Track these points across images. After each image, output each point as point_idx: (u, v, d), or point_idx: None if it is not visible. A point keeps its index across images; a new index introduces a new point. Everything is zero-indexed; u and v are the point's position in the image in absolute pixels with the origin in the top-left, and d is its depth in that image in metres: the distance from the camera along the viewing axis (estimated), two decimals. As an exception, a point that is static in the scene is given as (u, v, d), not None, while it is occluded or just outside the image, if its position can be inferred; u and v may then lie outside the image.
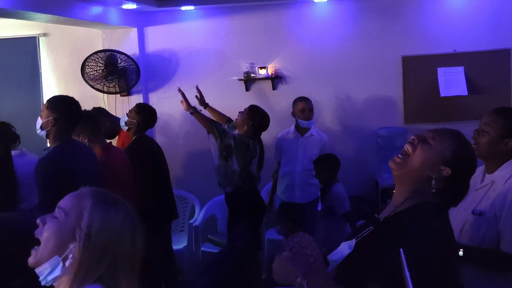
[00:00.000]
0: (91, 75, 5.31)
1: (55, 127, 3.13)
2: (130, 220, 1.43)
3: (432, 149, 1.77)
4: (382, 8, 5.48)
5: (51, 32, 5.79)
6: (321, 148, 4.94)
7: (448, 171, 1.74)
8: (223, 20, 5.67)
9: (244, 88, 5.69)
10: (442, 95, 5.31)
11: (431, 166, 1.75)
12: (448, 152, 1.76)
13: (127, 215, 1.42)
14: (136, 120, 4.40)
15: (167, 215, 4.60)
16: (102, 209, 1.39)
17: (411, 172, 1.78)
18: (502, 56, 5.37)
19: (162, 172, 4.58)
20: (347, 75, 5.59)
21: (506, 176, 2.40)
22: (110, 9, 5.09)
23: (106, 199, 1.42)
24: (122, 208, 1.42)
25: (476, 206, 2.44)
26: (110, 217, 1.38)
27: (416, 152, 1.78)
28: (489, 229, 2.36)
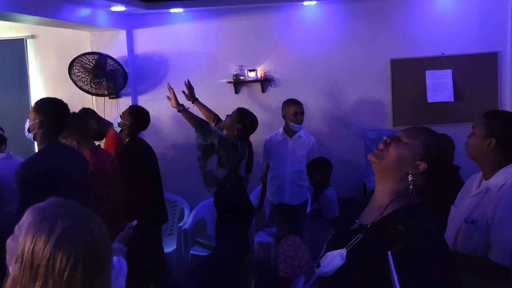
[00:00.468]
0: (78, 76, 5.27)
1: (41, 130, 3.10)
2: (71, 240, 1.29)
3: (406, 146, 1.81)
4: (371, 11, 5.51)
5: (39, 34, 5.75)
6: (310, 150, 4.95)
7: (424, 165, 1.77)
8: (212, 23, 5.67)
9: (233, 90, 5.69)
10: (429, 101, 5.36)
11: (408, 163, 1.79)
12: (422, 147, 1.79)
13: (66, 234, 1.29)
14: (129, 122, 4.41)
15: (158, 218, 4.58)
16: (37, 229, 1.29)
17: (389, 169, 1.81)
18: (489, 59, 5.41)
19: (154, 174, 4.58)
20: (336, 78, 5.60)
21: (499, 184, 2.36)
22: (98, 11, 5.06)
23: (46, 216, 1.31)
24: (60, 227, 1.30)
25: (470, 214, 2.41)
26: (41, 237, 1.28)
27: (390, 150, 1.82)
28: (482, 237, 2.34)
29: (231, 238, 3.64)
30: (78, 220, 1.34)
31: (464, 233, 2.41)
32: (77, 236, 1.30)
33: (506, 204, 2.27)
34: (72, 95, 5.41)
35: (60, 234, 1.29)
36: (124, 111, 4.53)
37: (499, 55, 5.40)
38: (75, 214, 1.35)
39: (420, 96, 5.44)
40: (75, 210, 1.36)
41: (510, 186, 2.32)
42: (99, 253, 1.33)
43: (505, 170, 2.39)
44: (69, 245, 1.28)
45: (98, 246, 1.33)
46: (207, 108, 4.89)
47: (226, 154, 4.29)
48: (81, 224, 1.33)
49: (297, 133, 4.91)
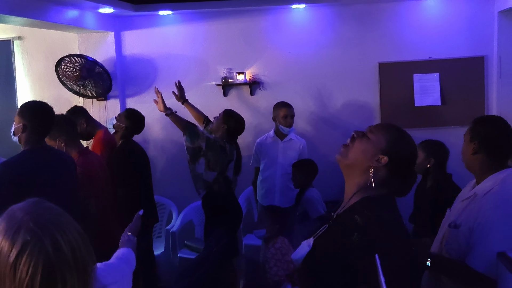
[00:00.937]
0: (66, 73, 5.21)
1: (25, 134, 3.10)
2: (29, 253, 1.26)
3: (369, 141, 1.90)
4: (359, 15, 5.53)
5: (26, 36, 5.71)
6: (300, 152, 4.97)
7: (385, 159, 1.85)
8: (201, 25, 5.66)
9: (222, 93, 5.68)
10: (416, 105, 5.39)
11: (370, 157, 1.87)
12: (384, 142, 1.87)
13: (25, 246, 1.27)
14: (125, 125, 4.44)
15: (149, 219, 4.58)
16: (3, 236, 1.28)
17: (353, 164, 1.91)
18: (476, 63, 5.45)
19: (146, 176, 4.61)
20: (324, 81, 5.62)
21: (486, 190, 2.38)
22: (86, 13, 5.04)
23: (13, 223, 1.30)
24: (22, 238, 1.27)
25: (456, 218, 2.43)
26: (4, 246, 1.27)
27: (355, 145, 1.93)
28: (464, 242, 2.35)
29: (219, 240, 3.63)
30: (43, 231, 1.30)
31: (447, 238, 2.44)
32: (37, 249, 1.27)
33: (488, 210, 2.29)
34: (59, 97, 5.38)
35: (22, 244, 1.26)
36: (121, 113, 4.58)
37: (486, 59, 5.44)
38: (40, 224, 1.31)
39: (408, 100, 5.47)
40: (41, 220, 1.32)
41: (495, 193, 2.33)
42: (63, 267, 1.29)
43: (495, 176, 2.40)
44: (28, 257, 1.26)
45: (62, 260, 1.29)
46: (197, 110, 4.89)
47: (214, 156, 4.29)
48: (45, 236, 1.29)
49: (288, 135, 4.92)
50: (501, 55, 5.36)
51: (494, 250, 2.23)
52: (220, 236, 3.73)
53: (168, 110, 4.43)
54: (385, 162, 1.84)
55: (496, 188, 2.34)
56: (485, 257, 2.26)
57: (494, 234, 2.26)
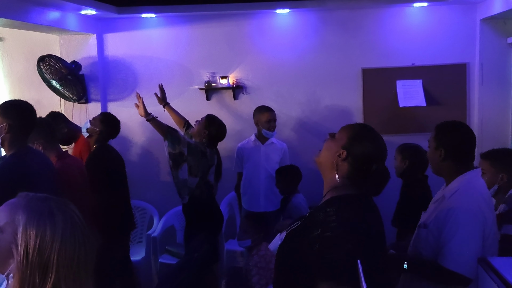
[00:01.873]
0: (49, 68, 5.11)
1: (9, 134, 3.02)
2: (71, 229, 1.34)
3: (334, 140, 2.05)
4: (343, 21, 5.54)
5: (6, 37, 5.63)
6: (282, 156, 4.97)
7: (344, 153, 1.97)
8: (185, 29, 5.63)
9: (205, 97, 5.65)
10: (401, 106, 5.40)
11: (332, 153, 2.01)
12: (345, 138, 2.00)
13: (66, 224, 1.33)
14: (99, 129, 4.33)
15: (126, 225, 4.51)
16: (37, 224, 1.30)
17: (321, 162, 2.07)
18: (458, 70, 5.49)
19: (122, 182, 4.51)
20: (308, 86, 5.61)
21: (452, 191, 2.51)
22: (68, 15, 4.98)
23: (41, 211, 1.32)
24: (60, 218, 1.33)
25: (426, 219, 2.55)
26: (46, 232, 1.29)
27: (324, 145, 2.09)
28: (432, 241, 2.47)
29: (200, 246, 3.59)
30: (69, 210, 1.38)
31: (416, 237, 2.58)
32: (75, 224, 1.36)
33: (454, 211, 2.42)
34: (40, 99, 5.31)
35: (63, 225, 1.32)
36: (96, 117, 4.46)
37: (468, 66, 5.49)
38: (62, 204, 1.38)
39: (391, 105, 5.49)
40: (60, 202, 1.40)
41: (461, 193, 2.48)
42: (91, 237, 1.39)
43: (461, 177, 2.54)
44: (72, 233, 1.33)
45: (86, 228, 1.39)
46: (178, 113, 4.86)
47: (195, 162, 4.25)
48: (72, 213, 1.38)
49: (269, 139, 4.91)
50: (483, 62, 5.42)
51: (462, 247, 2.37)
52: (201, 242, 3.69)
53: (149, 115, 4.39)
54: (344, 156, 1.96)
55: (462, 189, 2.49)
56: (454, 255, 2.37)
57: (461, 231, 2.38)
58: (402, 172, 3.88)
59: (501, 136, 5.41)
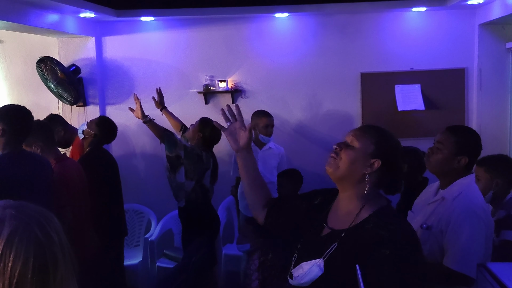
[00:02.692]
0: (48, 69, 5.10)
1: (3, 138, 3.03)
2: (19, 241, 1.24)
3: (355, 150, 1.85)
4: (342, 25, 5.55)
5: (5, 39, 5.62)
6: (280, 161, 4.96)
7: (378, 162, 1.82)
8: (183, 32, 5.63)
9: (203, 101, 5.64)
10: (399, 109, 5.40)
11: (362, 165, 1.83)
12: (371, 147, 1.84)
13: (13, 234, 1.25)
14: (95, 132, 4.31)
15: (117, 231, 4.47)
16: None
17: (346, 175, 1.85)
18: (457, 75, 5.50)
19: (114, 186, 4.47)
20: (306, 90, 5.61)
21: (455, 194, 2.50)
22: (67, 17, 4.97)
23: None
24: (9, 227, 1.25)
25: (426, 220, 2.55)
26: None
27: (342, 157, 1.86)
28: (435, 243, 2.48)
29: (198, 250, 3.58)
30: (28, 218, 1.29)
31: (420, 238, 2.48)
32: (27, 233, 1.25)
33: (460, 214, 2.42)
34: (38, 102, 5.30)
35: (9, 233, 1.23)
36: (92, 120, 4.44)
37: (466, 71, 5.50)
38: (24, 213, 1.29)
39: (390, 110, 5.49)
40: (24, 209, 1.31)
41: (464, 197, 2.48)
42: (53, 249, 1.27)
43: (461, 181, 2.54)
44: (19, 243, 1.23)
45: (51, 243, 1.28)
46: (175, 117, 4.86)
47: (191, 165, 4.24)
48: (31, 222, 1.28)
49: (267, 144, 4.90)
50: (481, 67, 5.42)
51: (469, 249, 2.39)
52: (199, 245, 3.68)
53: (145, 117, 4.38)
54: (379, 165, 1.82)
55: (465, 192, 2.49)
56: (461, 257, 2.39)
57: (467, 234, 2.39)
58: None
59: (500, 142, 5.41)
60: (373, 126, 1.95)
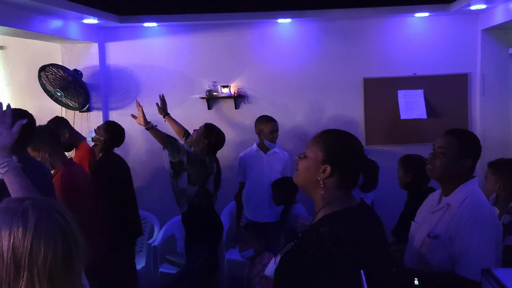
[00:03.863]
0: (49, 78, 5.13)
1: None
2: (46, 226, 1.31)
3: (307, 159, 1.95)
4: (345, 30, 5.55)
5: (8, 45, 5.64)
6: (284, 165, 4.97)
7: (328, 168, 1.89)
8: (186, 38, 5.64)
9: (206, 106, 5.65)
10: (402, 118, 5.40)
11: (314, 172, 1.91)
12: (320, 153, 1.92)
13: (40, 222, 1.31)
14: (104, 138, 4.36)
15: (132, 232, 4.51)
16: (10, 224, 1.29)
17: (304, 184, 1.98)
18: (460, 80, 5.49)
19: (128, 189, 4.53)
20: (309, 95, 5.61)
21: (460, 199, 2.47)
22: (70, 23, 4.99)
23: (15, 211, 1.32)
24: (34, 216, 1.31)
25: (433, 229, 2.50)
26: (18, 231, 1.28)
27: (298, 167, 1.99)
28: (444, 252, 2.43)
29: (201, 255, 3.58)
30: (47, 206, 1.35)
31: (428, 248, 2.50)
32: (51, 220, 1.32)
33: (468, 219, 2.38)
34: (41, 108, 5.30)
35: (35, 222, 1.29)
36: (100, 126, 4.50)
37: (469, 76, 5.49)
38: (41, 202, 1.36)
39: (392, 115, 5.49)
40: (41, 200, 1.38)
41: (471, 202, 2.44)
42: (74, 234, 1.35)
43: (464, 186, 2.50)
44: (47, 230, 1.30)
45: (71, 228, 1.35)
46: (178, 123, 4.88)
47: (194, 170, 4.25)
48: (51, 209, 1.35)
49: (272, 148, 4.91)
50: (484, 72, 5.42)
51: (480, 256, 2.34)
52: (202, 251, 3.67)
53: (148, 123, 4.40)
54: (329, 170, 1.88)
55: (470, 198, 2.46)
56: (474, 264, 2.32)
57: (478, 239, 2.35)
58: (406, 184, 3.84)
59: (503, 147, 5.39)
60: (326, 132, 2.02)
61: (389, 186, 4.09)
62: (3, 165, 2.02)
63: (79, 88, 5.23)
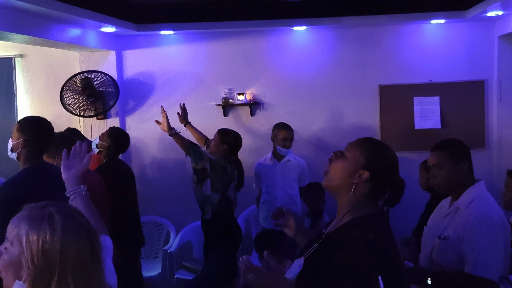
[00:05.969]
0: (69, 99, 5.24)
1: (25, 149, 3.03)
2: (73, 226, 1.40)
3: (346, 160, 1.93)
4: (360, 37, 5.56)
5: (28, 53, 5.72)
6: (300, 173, 4.97)
7: (367, 174, 1.88)
8: (202, 46, 5.68)
9: (222, 113, 5.68)
10: (416, 127, 5.41)
11: (351, 174, 1.90)
12: (362, 157, 1.90)
13: (67, 223, 1.40)
14: (108, 144, 4.36)
15: (135, 241, 4.50)
16: (38, 229, 1.37)
17: (336, 185, 1.94)
18: (476, 87, 5.47)
19: (130, 197, 4.49)
20: (325, 102, 5.62)
21: (467, 202, 2.57)
22: (88, 32, 5.06)
23: (41, 216, 1.40)
24: (60, 219, 1.39)
25: (443, 232, 2.60)
26: (46, 235, 1.37)
27: (332, 167, 1.96)
28: (454, 253, 2.52)
29: (218, 261, 3.59)
30: (69, 210, 1.44)
31: (438, 249, 2.61)
32: (76, 221, 1.41)
33: (474, 220, 2.48)
34: (59, 115, 5.37)
35: (62, 224, 1.38)
36: (104, 133, 4.50)
37: (486, 83, 5.46)
38: (63, 207, 1.45)
39: (408, 122, 5.47)
40: (62, 205, 1.46)
41: (477, 203, 2.55)
42: (96, 233, 1.45)
43: (471, 189, 2.61)
44: (74, 231, 1.39)
45: (93, 231, 1.45)
46: (199, 132, 4.90)
47: (217, 177, 4.27)
48: (73, 211, 1.44)
49: (285, 156, 4.91)
50: (501, 79, 5.39)
51: (489, 254, 2.43)
52: (219, 257, 3.68)
53: (171, 129, 4.41)
54: (367, 177, 1.88)
55: (478, 199, 2.56)
56: (483, 262, 2.42)
57: (486, 239, 2.44)
58: (428, 186, 3.88)
59: (521, 154, 5.36)
60: (370, 139, 2.01)
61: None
62: (72, 192, 2.15)
63: (110, 86, 5.31)
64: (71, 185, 2.19)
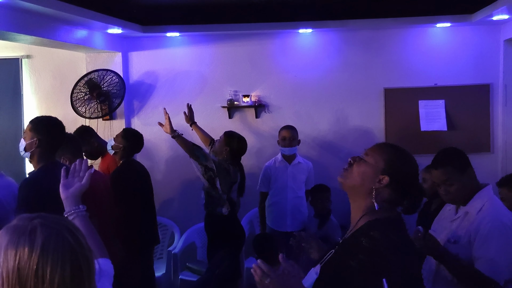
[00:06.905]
0: (83, 107, 5.29)
1: (39, 149, 3.08)
2: (55, 245, 1.26)
3: (367, 164, 1.91)
4: (366, 41, 5.56)
5: (34, 54, 5.75)
6: (308, 175, 5.00)
7: (386, 179, 1.86)
8: (208, 48, 5.70)
9: (227, 115, 5.69)
10: (422, 129, 5.39)
11: (370, 179, 1.88)
12: (382, 163, 1.89)
13: (48, 241, 1.26)
14: (123, 145, 4.40)
15: (150, 240, 4.55)
16: (17, 244, 1.25)
17: (354, 186, 1.92)
18: (482, 91, 5.46)
19: (147, 196, 4.56)
20: (330, 105, 5.63)
21: (478, 207, 2.60)
22: (95, 33, 5.09)
23: (23, 230, 1.27)
24: (42, 236, 1.26)
25: (452, 235, 2.63)
26: (24, 251, 1.24)
27: (353, 169, 1.93)
28: (464, 255, 2.53)
29: (222, 263, 3.60)
30: (58, 226, 1.31)
31: None
32: (61, 240, 1.28)
33: (487, 225, 2.51)
34: (66, 116, 5.36)
35: (43, 242, 1.25)
36: (118, 134, 4.53)
37: (491, 87, 5.46)
38: (53, 222, 1.32)
39: (413, 126, 5.47)
40: (51, 219, 1.33)
41: (488, 208, 2.57)
42: (85, 254, 1.31)
43: (479, 195, 2.63)
44: (55, 250, 1.25)
45: (82, 247, 1.31)
46: (204, 132, 4.92)
47: (220, 179, 4.29)
48: (62, 229, 1.30)
49: (296, 158, 4.95)
50: (507, 83, 5.38)
51: (498, 257, 2.45)
52: (223, 259, 3.70)
53: (174, 132, 4.43)
54: (387, 182, 1.86)
55: (488, 204, 2.58)
56: (489, 266, 2.45)
57: (496, 242, 2.47)
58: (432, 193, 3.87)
59: (526, 158, 5.35)
60: (391, 144, 2.00)
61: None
62: (70, 212, 2.05)
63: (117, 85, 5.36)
64: (70, 205, 2.07)
